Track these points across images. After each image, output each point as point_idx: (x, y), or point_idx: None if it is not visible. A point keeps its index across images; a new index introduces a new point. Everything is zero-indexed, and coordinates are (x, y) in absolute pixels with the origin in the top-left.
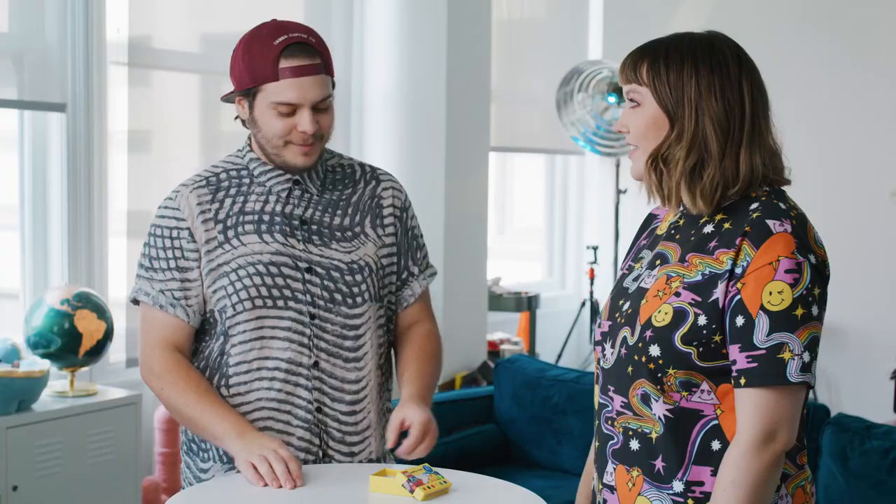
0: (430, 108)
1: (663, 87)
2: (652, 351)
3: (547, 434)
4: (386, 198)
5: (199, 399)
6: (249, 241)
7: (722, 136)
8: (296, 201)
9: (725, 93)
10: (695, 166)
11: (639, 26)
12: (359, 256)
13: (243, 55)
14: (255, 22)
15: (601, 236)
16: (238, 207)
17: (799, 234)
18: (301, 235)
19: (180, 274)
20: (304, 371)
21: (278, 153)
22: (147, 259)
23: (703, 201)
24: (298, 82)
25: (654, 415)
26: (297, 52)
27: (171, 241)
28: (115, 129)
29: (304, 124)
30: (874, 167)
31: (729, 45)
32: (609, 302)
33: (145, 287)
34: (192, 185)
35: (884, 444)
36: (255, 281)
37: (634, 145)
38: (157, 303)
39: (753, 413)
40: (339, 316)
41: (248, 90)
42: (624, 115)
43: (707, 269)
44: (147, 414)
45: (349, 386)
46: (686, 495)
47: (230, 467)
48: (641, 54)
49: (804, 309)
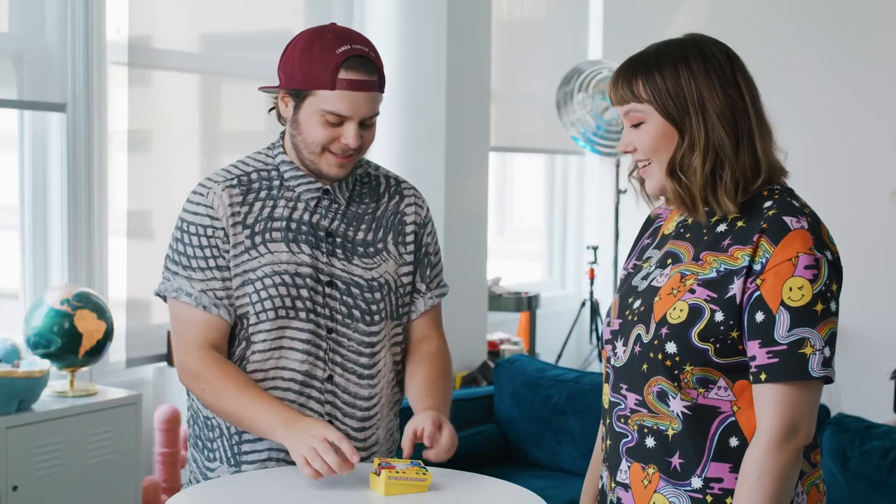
0: (430, 108)
1: (665, 99)
2: (668, 348)
3: (547, 434)
4: (409, 214)
5: (240, 394)
6: (276, 250)
7: (732, 133)
8: (323, 211)
9: (725, 89)
10: (714, 169)
11: (639, 26)
12: (379, 274)
13: (301, 55)
14: (254, 22)
15: (601, 236)
16: (267, 213)
17: (815, 231)
18: (325, 248)
19: (220, 273)
20: (318, 384)
21: (314, 160)
22: (182, 257)
23: (729, 201)
24: (353, 96)
25: (671, 412)
26: (357, 65)
27: (208, 239)
28: (115, 129)
29: (348, 137)
30: (874, 167)
31: (714, 43)
32: (618, 300)
33: (185, 286)
34: (223, 181)
35: (884, 444)
36: (281, 291)
37: (646, 161)
38: (200, 304)
39: (775, 408)
40: (355, 332)
41: (298, 90)
42: (626, 134)
43: (722, 266)
44: (147, 414)
45: (361, 402)
46: (705, 492)
47: (236, 469)
48: (632, 71)
49: (823, 304)
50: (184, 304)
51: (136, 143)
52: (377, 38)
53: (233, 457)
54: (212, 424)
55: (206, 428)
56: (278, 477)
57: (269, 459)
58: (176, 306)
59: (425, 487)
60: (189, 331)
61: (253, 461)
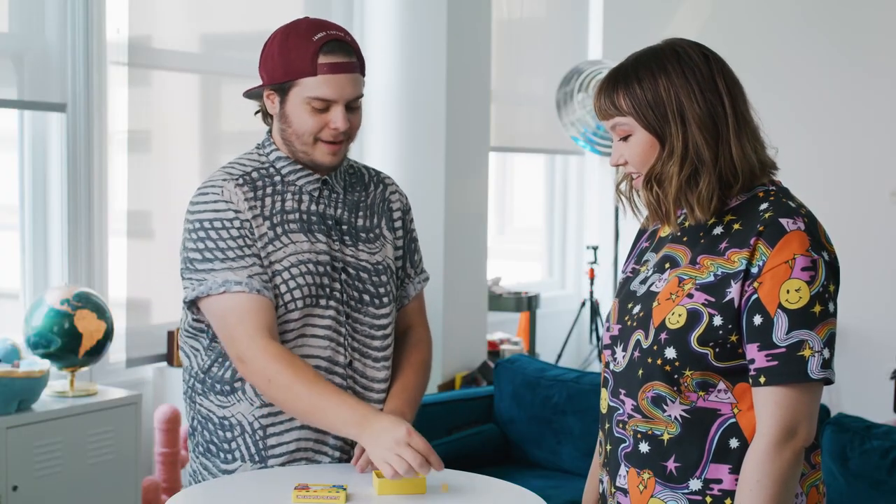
0: (430, 108)
1: (646, 110)
2: (668, 353)
3: (547, 434)
4: (394, 201)
5: (310, 390)
6: (298, 240)
7: (712, 140)
8: (326, 201)
9: (705, 94)
10: (689, 177)
11: (639, 26)
12: (382, 258)
13: (280, 49)
14: (255, 22)
15: (601, 236)
16: (279, 206)
17: (812, 232)
18: (336, 235)
19: (258, 260)
20: (340, 370)
21: (307, 151)
22: (216, 252)
23: (700, 210)
24: (336, 79)
25: (667, 416)
26: (335, 48)
27: (238, 230)
28: (115, 129)
29: (336, 121)
30: (874, 167)
31: (690, 46)
32: (617, 306)
33: (231, 277)
34: (231, 179)
35: (884, 444)
36: (308, 280)
37: (637, 173)
38: (253, 289)
39: (774, 411)
40: (367, 316)
41: (281, 84)
42: (616, 148)
43: (719, 270)
44: (147, 414)
45: (377, 385)
46: (704, 493)
47: (262, 466)
48: (613, 85)
49: (821, 306)
50: (234, 296)
51: (136, 143)
52: (377, 38)
53: (257, 453)
54: (230, 424)
55: (222, 429)
56: (278, 477)
57: (297, 450)
58: (224, 301)
59: (423, 488)
60: (245, 319)
61: (280, 454)
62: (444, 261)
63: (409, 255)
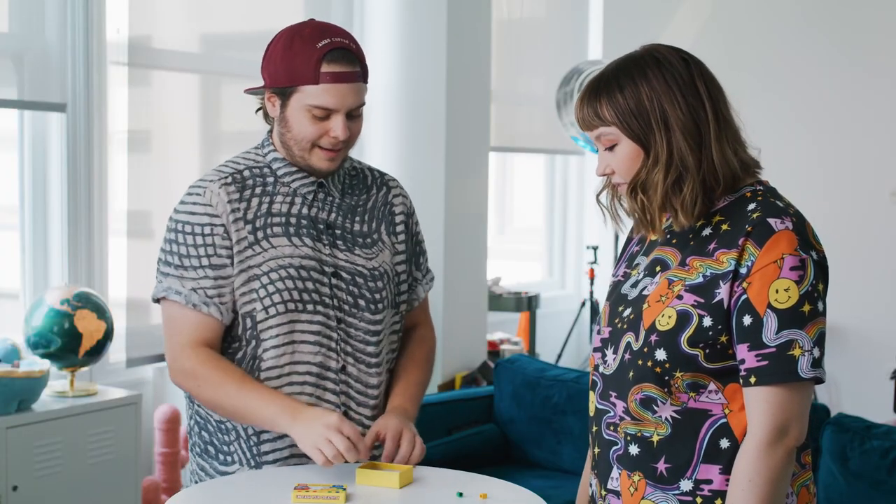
0: (430, 108)
1: (629, 119)
2: (658, 355)
3: (547, 434)
4: (397, 205)
5: (239, 388)
6: (279, 244)
7: (696, 145)
8: (320, 204)
9: (687, 98)
10: (674, 184)
11: (639, 26)
12: (379, 263)
13: (283, 53)
14: (255, 22)
15: (601, 236)
16: (265, 208)
17: (800, 231)
18: (327, 240)
19: (213, 271)
20: (332, 375)
21: (304, 156)
22: (175, 257)
23: (683, 215)
24: (337, 88)
25: (657, 418)
26: (339, 57)
27: (204, 237)
28: (115, 129)
29: (336, 130)
30: (874, 167)
31: (669, 51)
32: (608, 308)
33: (175, 285)
34: (218, 180)
35: (884, 444)
36: (288, 284)
37: (624, 182)
38: (189, 302)
39: (765, 411)
40: (361, 321)
41: (283, 88)
42: (602, 158)
43: (708, 271)
44: (147, 414)
45: (371, 391)
46: (695, 493)
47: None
48: (595, 95)
49: (811, 305)
50: (174, 304)
51: (136, 143)
52: (377, 38)
53: (252, 458)
54: (227, 427)
55: (220, 432)
56: (278, 477)
57: (291, 456)
58: (167, 307)
59: (396, 483)
60: (181, 330)
61: (275, 460)
62: (444, 261)
63: (416, 259)
